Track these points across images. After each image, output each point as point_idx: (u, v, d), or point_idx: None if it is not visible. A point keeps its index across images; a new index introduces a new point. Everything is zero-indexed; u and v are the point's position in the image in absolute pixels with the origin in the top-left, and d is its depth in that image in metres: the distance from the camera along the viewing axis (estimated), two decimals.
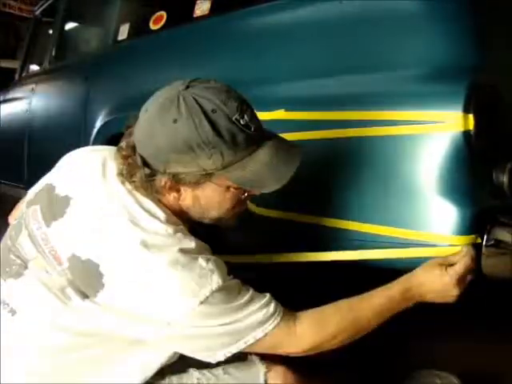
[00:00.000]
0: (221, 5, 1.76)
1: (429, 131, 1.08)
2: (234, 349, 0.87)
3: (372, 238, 1.14)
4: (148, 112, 0.88)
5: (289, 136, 1.32)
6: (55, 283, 0.87)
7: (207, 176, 0.88)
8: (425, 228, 1.08)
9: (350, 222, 1.18)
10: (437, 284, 0.96)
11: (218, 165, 0.86)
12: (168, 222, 0.89)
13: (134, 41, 2.25)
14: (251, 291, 0.89)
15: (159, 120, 0.85)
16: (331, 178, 1.25)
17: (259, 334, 0.87)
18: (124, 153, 0.92)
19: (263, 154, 0.89)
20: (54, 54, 3.14)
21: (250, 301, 0.88)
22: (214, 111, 0.84)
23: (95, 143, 2.14)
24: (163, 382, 0.95)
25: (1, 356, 0.89)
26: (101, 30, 2.64)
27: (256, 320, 0.86)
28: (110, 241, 0.86)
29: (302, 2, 1.46)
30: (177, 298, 0.83)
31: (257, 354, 1.00)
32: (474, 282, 0.99)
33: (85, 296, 0.86)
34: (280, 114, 1.33)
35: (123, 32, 2.30)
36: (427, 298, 0.98)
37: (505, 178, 1.09)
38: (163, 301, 0.84)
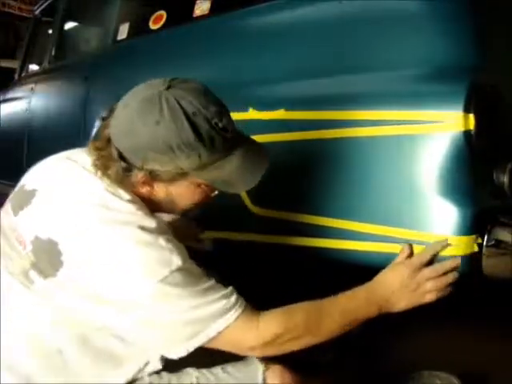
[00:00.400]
0: (221, 5, 1.76)
1: (429, 131, 1.08)
2: (196, 342, 0.87)
3: (372, 238, 1.14)
4: (128, 108, 0.89)
5: (288, 136, 1.32)
6: (19, 267, 0.89)
7: (183, 175, 0.91)
8: (425, 228, 1.07)
9: (350, 222, 1.18)
10: (395, 277, 0.97)
11: (194, 165, 0.89)
12: (132, 202, 0.90)
13: (133, 40, 2.25)
14: (213, 280, 0.89)
15: (140, 119, 0.87)
16: (331, 178, 1.25)
17: (221, 325, 0.86)
18: (98, 144, 0.93)
19: (237, 158, 0.93)
20: (53, 53, 3.14)
21: (211, 289, 0.88)
22: (194, 114, 0.86)
23: None
24: (162, 381, 0.95)
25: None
26: (100, 30, 2.64)
27: (217, 310, 0.86)
28: (70, 218, 0.88)
29: (302, 1, 1.46)
30: (134, 275, 0.84)
31: None
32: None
33: (46, 276, 0.87)
34: (280, 114, 1.33)
35: (123, 32, 2.30)
36: (392, 300, 0.97)
37: (505, 178, 1.09)
38: (120, 277, 0.84)
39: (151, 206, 0.96)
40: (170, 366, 0.95)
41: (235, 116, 1.44)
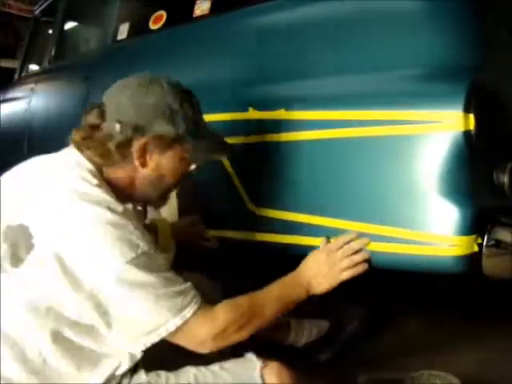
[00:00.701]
0: (221, 5, 1.76)
1: (429, 131, 1.08)
2: (156, 336, 0.89)
3: (373, 238, 1.14)
4: (120, 95, 1.01)
5: (289, 136, 1.32)
6: None
7: (178, 140, 1.02)
8: (425, 228, 1.08)
9: (351, 222, 1.18)
10: (314, 262, 1.05)
11: (189, 127, 1.01)
12: (99, 186, 0.93)
13: (133, 40, 2.24)
14: (173, 272, 0.93)
15: (143, 91, 0.99)
16: (331, 178, 1.25)
17: (179, 320, 0.89)
18: (83, 134, 1.01)
19: (214, 140, 1.11)
20: (53, 53, 3.14)
21: (172, 280, 0.91)
22: (188, 93, 1.04)
23: None
24: (161, 380, 0.95)
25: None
26: (100, 30, 2.63)
27: (177, 304, 0.88)
28: (40, 202, 0.91)
29: (302, 1, 1.46)
30: (103, 254, 0.85)
31: (253, 352, 1.00)
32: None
33: (18, 264, 0.88)
34: (280, 114, 1.33)
35: (123, 31, 2.30)
36: (314, 282, 1.04)
37: (505, 178, 1.09)
38: (89, 257, 0.86)
39: (129, 190, 1.01)
40: (168, 364, 0.95)
41: (235, 116, 1.45)
